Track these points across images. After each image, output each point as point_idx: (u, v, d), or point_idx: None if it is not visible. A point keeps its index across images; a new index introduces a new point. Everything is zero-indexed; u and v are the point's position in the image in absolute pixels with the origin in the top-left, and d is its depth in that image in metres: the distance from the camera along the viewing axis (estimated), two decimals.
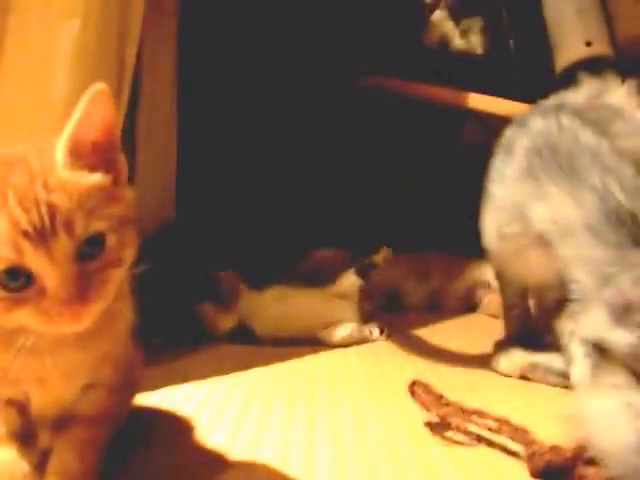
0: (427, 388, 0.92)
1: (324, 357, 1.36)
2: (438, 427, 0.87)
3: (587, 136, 0.99)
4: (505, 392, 1.09)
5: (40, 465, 0.66)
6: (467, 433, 0.84)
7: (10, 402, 0.66)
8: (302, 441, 0.87)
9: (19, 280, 0.55)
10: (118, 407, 0.74)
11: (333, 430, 0.91)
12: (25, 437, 0.66)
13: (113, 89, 1.18)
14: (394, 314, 1.85)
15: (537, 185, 1.01)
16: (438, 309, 1.91)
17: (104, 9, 1.13)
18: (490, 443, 0.82)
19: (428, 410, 0.89)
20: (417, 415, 0.94)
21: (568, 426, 0.78)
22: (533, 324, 1.26)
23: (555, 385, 1.11)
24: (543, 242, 1.01)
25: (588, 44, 1.58)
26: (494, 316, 1.77)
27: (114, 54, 1.18)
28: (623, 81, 1.14)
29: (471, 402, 0.88)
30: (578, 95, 1.14)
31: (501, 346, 1.27)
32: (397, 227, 2.02)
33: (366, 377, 1.20)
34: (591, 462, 0.71)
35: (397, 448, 0.84)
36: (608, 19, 1.56)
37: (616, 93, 1.11)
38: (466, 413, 0.85)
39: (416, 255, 1.99)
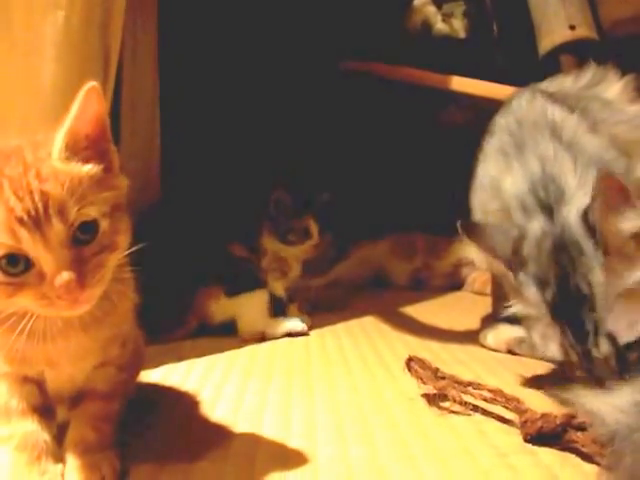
0: (423, 363, 0.95)
1: (315, 336, 1.39)
2: (434, 399, 0.91)
3: (554, 111, 1.03)
4: (493, 366, 1.13)
5: (58, 437, 0.70)
6: (464, 403, 0.88)
7: (28, 379, 0.69)
8: (302, 412, 0.91)
9: (18, 265, 0.58)
10: (128, 382, 0.79)
11: (330, 402, 0.95)
12: (44, 411, 0.70)
13: (99, 77, 1.21)
14: (381, 292, 1.92)
15: (506, 160, 1.06)
16: (423, 287, 1.96)
17: (87, 1, 1.15)
18: (485, 412, 0.87)
19: (425, 384, 0.92)
20: (410, 388, 0.98)
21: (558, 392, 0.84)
22: None
23: (540, 359, 1.14)
24: None
25: (572, 27, 1.61)
26: (479, 293, 1.83)
27: (98, 43, 1.20)
28: (622, 75, 1.16)
29: (462, 376, 0.93)
30: (575, 83, 1.17)
31: (488, 322, 1.32)
32: (383, 207, 2.05)
33: (358, 353, 1.23)
34: (580, 427, 0.76)
35: (393, 417, 0.88)
36: (592, 3, 1.57)
37: (611, 87, 1.14)
38: (462, 385, 0.90)
39: (401, 235, 2.04)
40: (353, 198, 2.11)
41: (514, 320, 1.24)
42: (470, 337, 1.30)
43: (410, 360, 0.97)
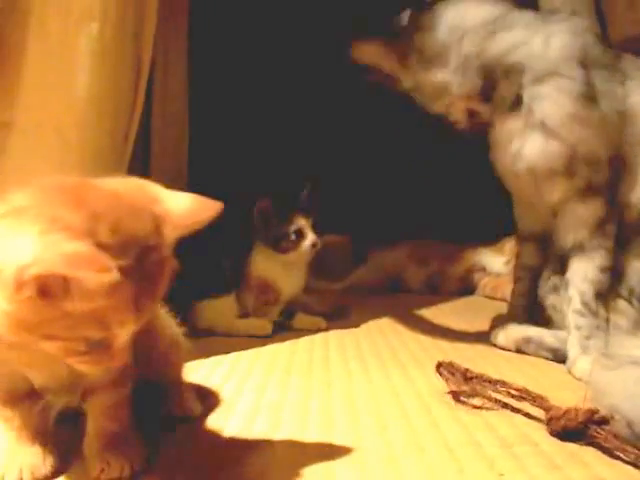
0: (452, 367, 0.99)
1: (334, 335, 1.43)
2: (460, 396, 0.94)
3: None
4: (501, 364, 1.17)
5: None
6: (494, 401, 0.92)
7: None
8: (320, 406, 0.94)
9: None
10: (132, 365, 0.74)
11: (347, 397, 0.99)
12: (31, 397, 0.70)
13: (131, 86, 1.25)
14: (397, 296, 1.98)
15: None
16: (437, 292, 2.01)
17: (120, 12, 1.19)
18: (514, 409, 0.90)
19: (456, 389, 0.95)
20: (422, 384, 1.03)
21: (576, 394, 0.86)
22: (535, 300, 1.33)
23: (545, 358, 1.20)
24: None
25: None
26: (490, 298, 1.88)
27: (131, 54, 1.25)
28: None
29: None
30: None
31: (499, 321, 1.37)
32: (399, 215, 2.10)
33: (375, 351, 1.27)
34: (601, 422, 0.79)
35: (405, 410, 0.92)
36: (602, 19, 1.60)
37: None
38: (490, 383, 0.94)
39: (416, 241, 2.10)
40: (371, 206, 2.17)
41: (524, 320, 1.32)
42: (480, 338, 1.35)
43: (439, 366, 1.01)
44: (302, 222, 1.48)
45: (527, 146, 1.18)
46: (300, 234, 1.47)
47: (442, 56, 1.22)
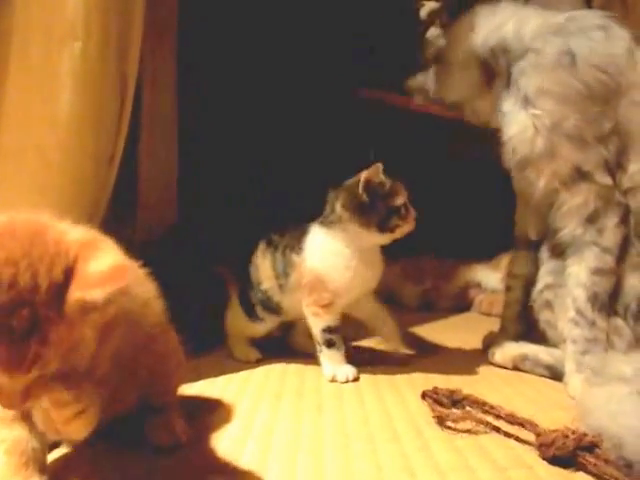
0: (437, 394, 0.97)
1: None
2: (444, 421, 0.92)
3: None
4: (496, 383, 1.16)
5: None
6: (485, 423, 0.90)
7: None
8: (310, 430, 0.93)
9: None
10: None
11: (338, 420, 0.97)
12: (25, 418, 0.70)
13: (116, 104, 1.23)
14: (391, 313, 1.93)
15: None
16: (432, 309, 1.98)
17: (104, 31, 1.17)
18: (507, 434, 0.88)
19: (442, 418, 0.93)
20: (415, 406, 1.01)
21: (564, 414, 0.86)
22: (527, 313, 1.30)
23: (541, 376, 1.19)
24: None
25: None
26: (485, 314, 1.86)
27: (115, 72, 1.23)
28: None
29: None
30: None
31: (491, 338, 1.36)
32: None
33: (368, 372, 1.23)
34: (591, 448, 0.78)
35: (396, 433, 0.91)
36: None
37: None
38: (478, 405, 0.93)
39: (411, 258, 2.07)
40: None
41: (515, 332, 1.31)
42: (476, 355, 1.34)
43: (424, 395, 0.99)
44: (405, 193, 1.24)
45: (514, 125, 1.16)
46: (406, 208, 1.24)
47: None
